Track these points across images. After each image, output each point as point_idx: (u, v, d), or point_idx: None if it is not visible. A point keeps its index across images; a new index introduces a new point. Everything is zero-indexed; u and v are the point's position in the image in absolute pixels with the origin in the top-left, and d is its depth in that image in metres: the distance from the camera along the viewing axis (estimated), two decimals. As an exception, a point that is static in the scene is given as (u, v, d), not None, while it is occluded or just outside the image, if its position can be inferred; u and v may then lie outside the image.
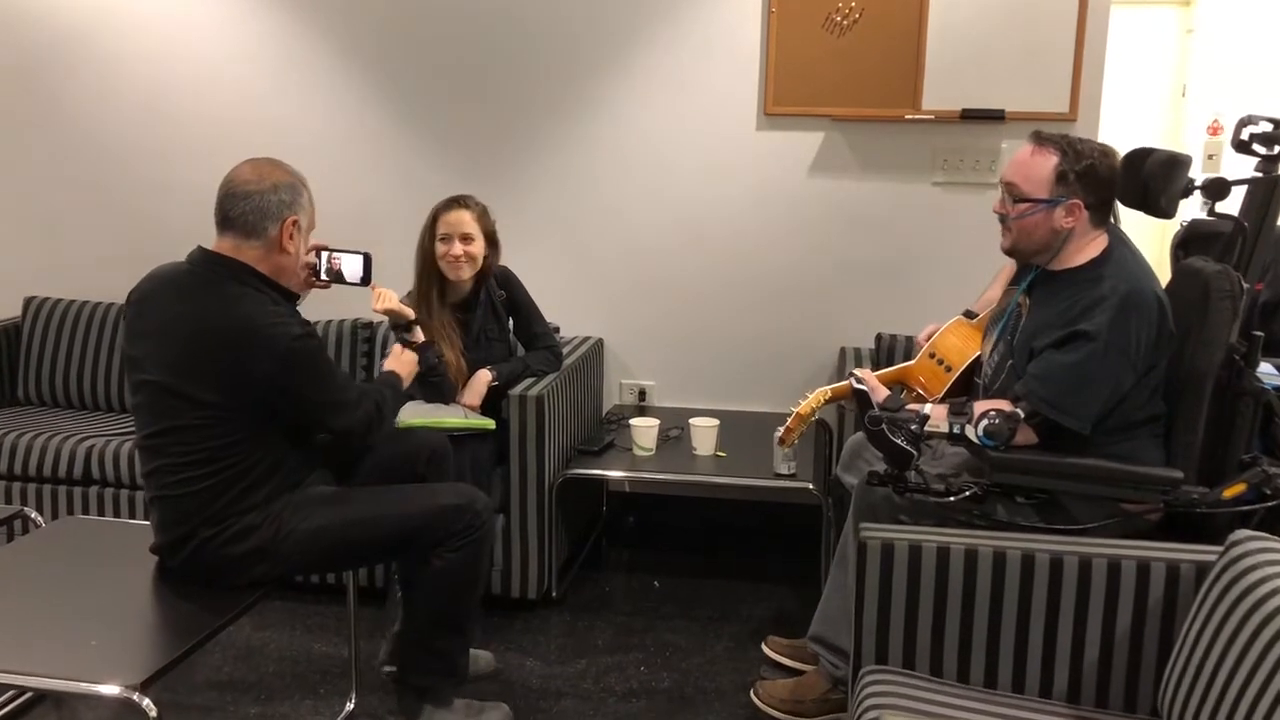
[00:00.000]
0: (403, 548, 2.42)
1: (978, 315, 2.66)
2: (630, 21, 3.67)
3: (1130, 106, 5.22)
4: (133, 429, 3.55)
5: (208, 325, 2.18)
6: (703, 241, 3.78)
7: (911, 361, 2.67)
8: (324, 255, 2.42)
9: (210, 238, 2.28)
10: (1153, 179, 2.24)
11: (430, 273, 3.13)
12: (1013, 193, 2.36)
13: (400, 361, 2.66)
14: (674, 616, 3.26)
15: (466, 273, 3.13)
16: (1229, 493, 2.13)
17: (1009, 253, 2.44)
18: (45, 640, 2.05)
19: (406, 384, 2.66)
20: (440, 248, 3.09)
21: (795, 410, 2.55)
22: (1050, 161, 2.30)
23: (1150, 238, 4.25)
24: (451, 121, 3.83)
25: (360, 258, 2.46)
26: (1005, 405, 2.20)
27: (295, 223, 2.24)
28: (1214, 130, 6.53)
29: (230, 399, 2.19)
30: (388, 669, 2.75)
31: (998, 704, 1.97)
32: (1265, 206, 2.33)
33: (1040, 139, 2.34)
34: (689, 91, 3.69)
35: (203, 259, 2.26)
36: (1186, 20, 6.87)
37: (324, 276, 2.43)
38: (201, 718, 2.69)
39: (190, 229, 2.29)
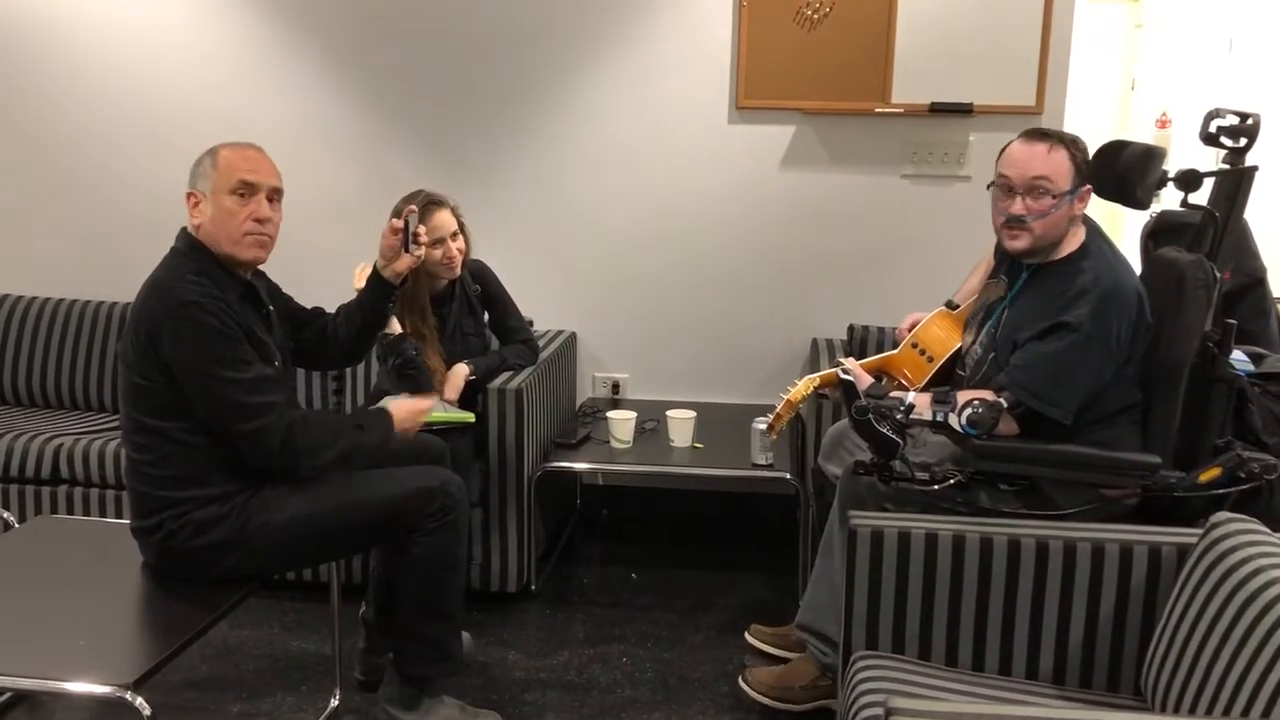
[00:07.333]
0: (378, 534, 2.42)
1: (959, 306, 2.70)
2: (602, 15, 3.67)
3: (1081, 100, 5.33)
4: (99, 427, 3.53)
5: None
6: (674, 234, 3.79)
7: (894, 351, 2.70)
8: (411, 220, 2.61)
9: (170, 233, 2.36)
10: (1130, 171, 2.29)
11: (413, 274, 3.07)
12: (1049, 188, 2.30)
13: (400, 405, 2.51)
14: (652, 607, 3.28)
15: (459, 269, 3.13)
16: (1205, 477, 2.18)
17: (1025, 253, 2.38)
18: (31, 641, 2.02)
19: (403, 425, 2.47)
20: (435, 253, 3.05)
21: (785, 397, 2.57)
22: (1064, 153, 2.31)
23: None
24: (421, 115, 3.80)
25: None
26: (989, 395, 2.24)
27: (190, 196, 2.32)
28: (1162, 123, 6.65)
29: (142, 361, 2.20)
30: (359, 678, 2.79)
31: (986, 686, 2.01)
32: (1232, 197, 2.40)
33: (1044, 135, 2.33)
34: (660, 85, 3.70)
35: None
36: (1136, 15, 7.00)
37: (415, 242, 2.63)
38: (183, 717, 2.66)
39: (152, 224, 2.31)
